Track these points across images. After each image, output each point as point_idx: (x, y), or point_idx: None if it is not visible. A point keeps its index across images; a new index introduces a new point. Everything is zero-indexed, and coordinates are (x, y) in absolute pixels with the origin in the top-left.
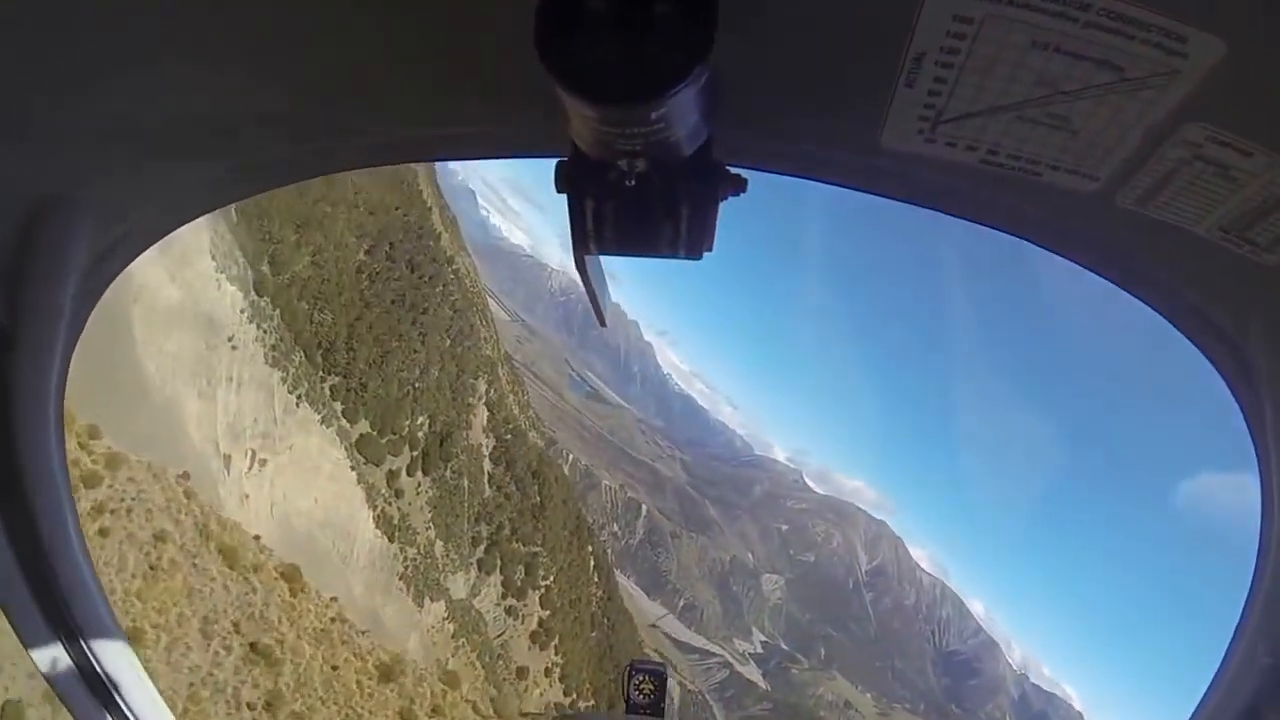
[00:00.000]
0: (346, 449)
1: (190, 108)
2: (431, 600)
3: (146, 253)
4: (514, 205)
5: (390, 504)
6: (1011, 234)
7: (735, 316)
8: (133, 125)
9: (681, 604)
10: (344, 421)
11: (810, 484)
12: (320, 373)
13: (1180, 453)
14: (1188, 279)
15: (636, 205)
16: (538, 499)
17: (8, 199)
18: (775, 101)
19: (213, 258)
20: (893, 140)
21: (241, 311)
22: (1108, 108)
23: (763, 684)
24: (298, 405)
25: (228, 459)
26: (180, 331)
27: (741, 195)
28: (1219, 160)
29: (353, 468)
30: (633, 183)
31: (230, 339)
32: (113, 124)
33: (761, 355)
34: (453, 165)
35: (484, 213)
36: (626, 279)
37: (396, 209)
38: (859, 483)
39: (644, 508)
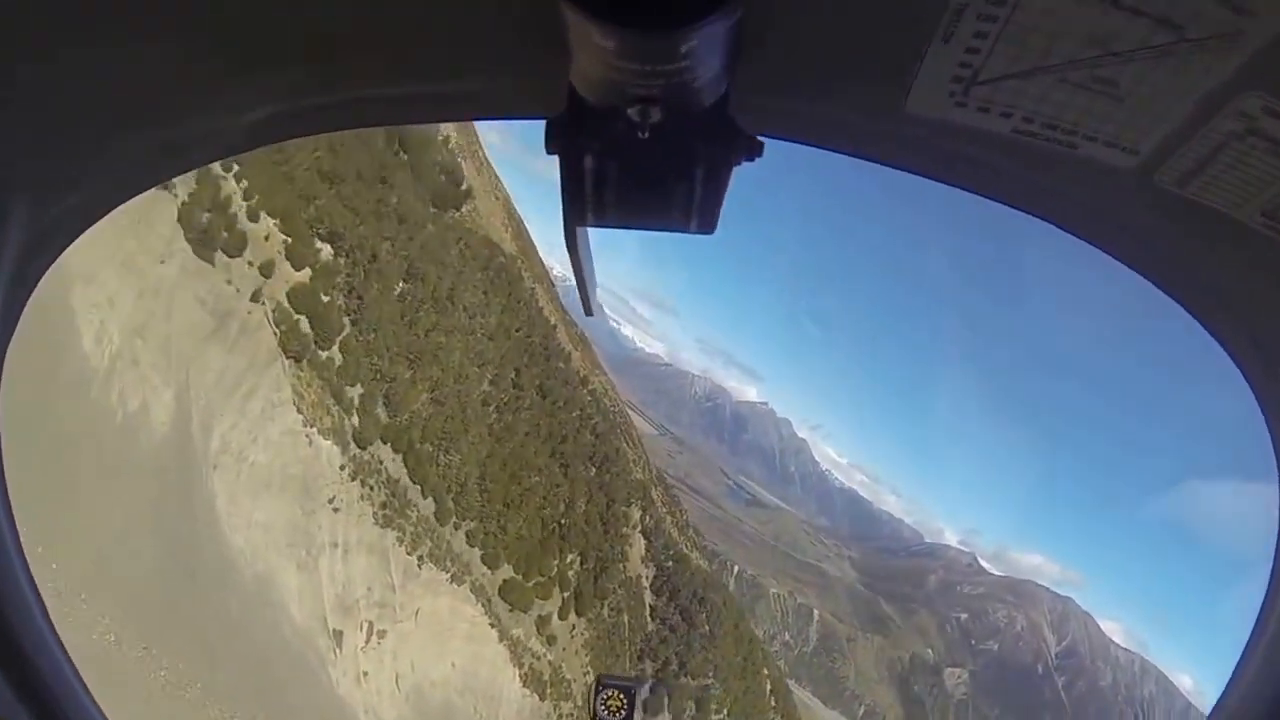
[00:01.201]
0: (485, 604)
1: (138, 68)
2: None
3: (223, 412)
4: (643, 313)
5: (540, 657)
6: (1036, 214)
7: (884, 403)
8: (72, 91)
9: (862, 711)
10: (483, 569)
11: (986, 566)
12: (454, 519)
13: None
14: (1221, 268)
15: (645, 165)
16: (706, 627)
17: None
18: (794, 55)
19: (298, 410)
20: (920, 104)
21: (341, 468)
22: (1161, 71)
23: None
24: (419, 566)
25: (338, 635)
26: (270, 498)
27: (756, 161)
28: (1274, 136)
29: (492, 624)
30: (646, 134)
31: (331, 500)
32: (45, 90)
33: (917, 438)
34: (572, 280)
35: (614, 324)
36: (771, 377)
37: (518, 331)
38: (1037, 558)
39: (815, 612)
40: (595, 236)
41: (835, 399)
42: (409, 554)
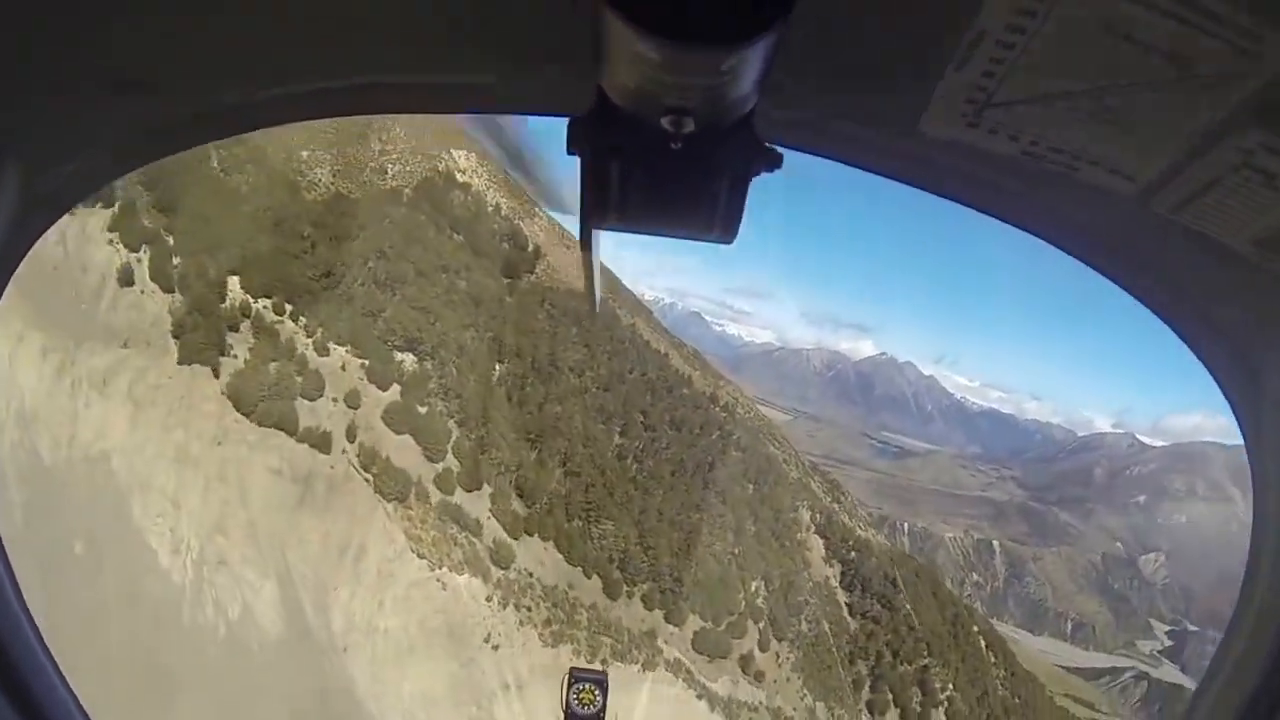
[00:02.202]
0: (685, 678)
1: (145, 39)
2: None
3: (337, 586)
4: (742, 306)
5: (757, 708)
6: (1036, 234)
7: (993, 314)
8: (76, 58)
9: (1070, 627)
10: (670, 628)
11: (1147, 441)
12: (624, 589)
13: None
14: (1210, 292)
15: (670, 172)
16: (906, 606)
17: None
18: (817, 72)
19: (419, 554)
20: (934, 124)
21: (488, 599)
22: (1165, 104)
23: (1186, 680)
24: (604, 667)
25: None
26: (417, 662)
27: (775, 172)
28: (1268, 169)
29: (699, 695)
30: (679, 145)
31: (487, 639)
32: (48, 55)
33: (1036, 336)
34: (666, 300)
35: (718, 329)
36: (881, 326)
37: (631, 372)
38: (1197, 416)
39: (994, 543)
40: (661, 246)
41: (947, 326)
42: (591, 661)
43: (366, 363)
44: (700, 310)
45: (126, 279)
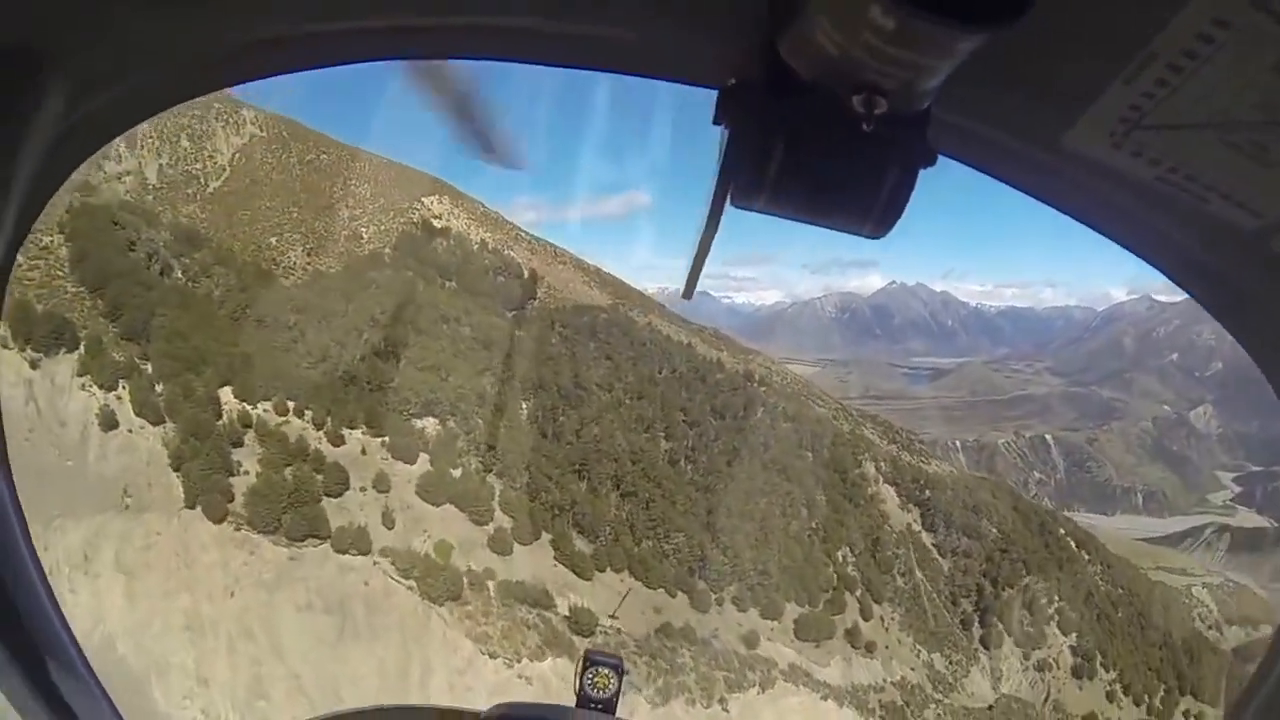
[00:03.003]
0: (805, 681)
1: None
2: None
3: None
4: (744, 274)
5: (880, 687)
6: (1147, 258)
7: (982, 214)
8: None
9: (1140, 499)
10: (768, 623)
11: (1164, 300)
12: (713, 599)
13: None
14: None
15: (842, 157)
16: (994, 531)
17: None
18: (977, 76)
19: (492, 654)
20: (1079, 140)
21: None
22: None
23: (1264, 522)
24: (724, 706)
25: None
26: None
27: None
28: None
29: (824, 697)
30: (870, 126)
31: None
32: None
33: (1030, 229)
34: (670, 288)
35: (726, 302)
36: (882, 256)
37: (660, 372)
38: None
39: (1047, 437)
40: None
41: (946, 240)
42: (709, 704)
43: (386, 439)
44: (705, 289)
45: (109, 422)
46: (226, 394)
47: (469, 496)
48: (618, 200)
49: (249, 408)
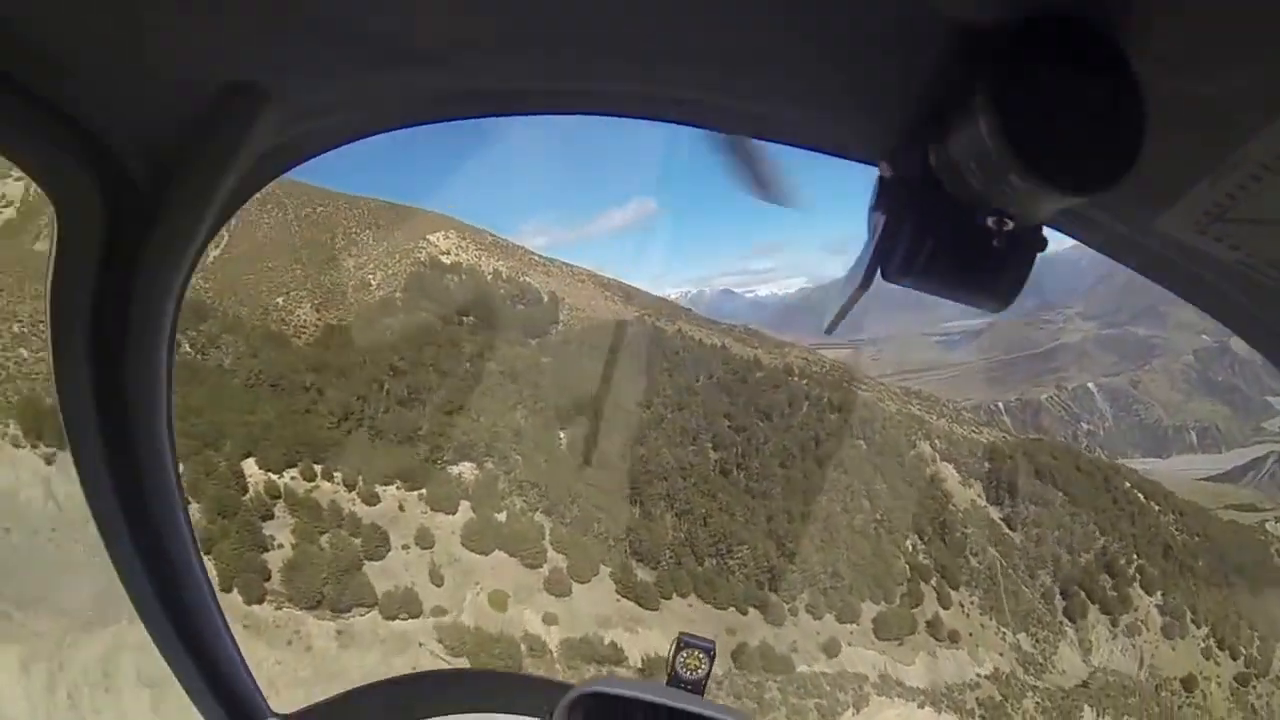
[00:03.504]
0: (898, 691)
1: (414, 16)
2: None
3: None
4: (764, 265)
5: (973, 684)
6: (1230, 327)
7: None
8: (347, 25)
9: (1194, 437)
10: (846, 627)
11: None
12: (786, 605)
13: None
14: None
15: (978, 251)
16: (1060, 495)
17: (200, 77)
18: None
19: None
20: (1166, 225)
21: None
22: None
23: None
24: None
25: None
26: None
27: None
28: None
29: (914, 702)
30: (999, 245)
31: None
32: (326, 19)
33: None
34: (693, 291)
35: (750, 296)
36: None
37: (699, 380)
38: None
39: (1089, 385)
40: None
41: None
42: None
43: (423, 492)
44: (728, 286)
45: None
46: (250, 466)
47: (518, 539)
48: (625, 211)
49: (275, 477)
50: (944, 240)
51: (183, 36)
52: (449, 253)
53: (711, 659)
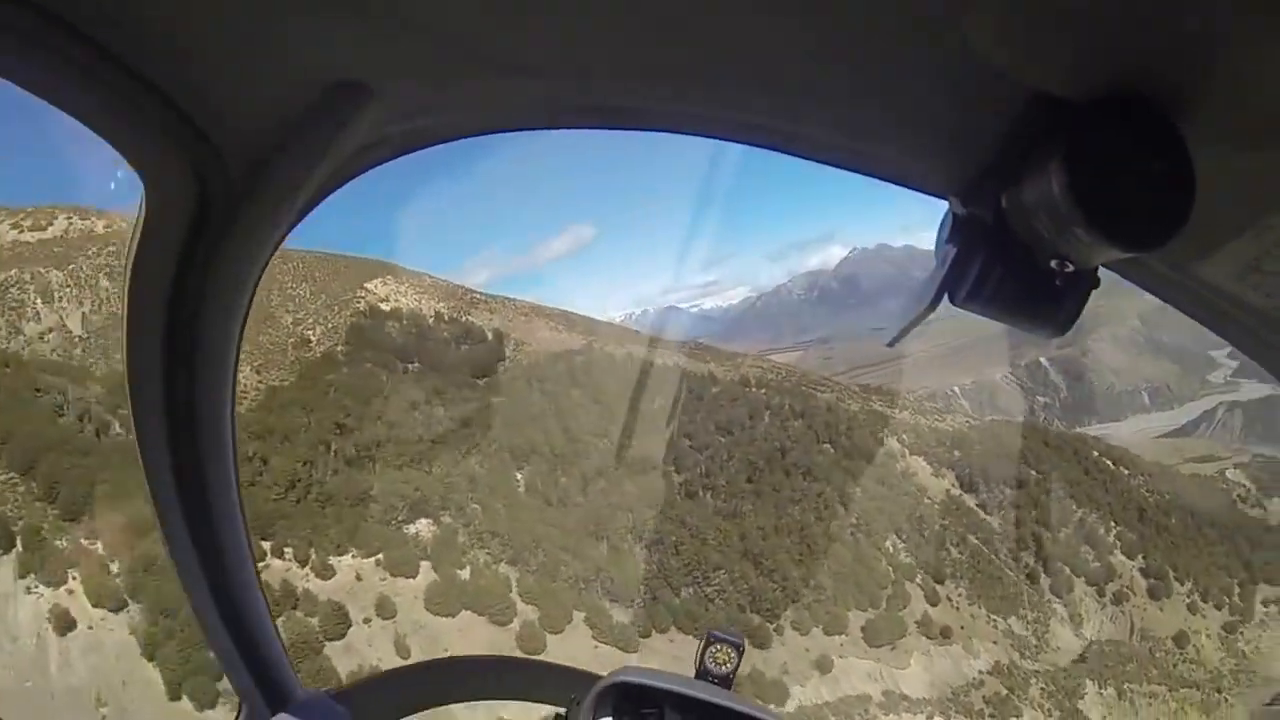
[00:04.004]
0: (906, 705)
1: (525, 31)
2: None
3: None
4: (706, 278)
5: (982, 679)
6: (1262, 364)
7: None
8: (460, 35)
9: (1146, 397)
10: (837, 639)
11: None
12: (771, 626)
13: None
14: None
15: (1040, 284)
16: (1033, 474)
17: (308, 73)
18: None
19: None
20: (1204, 270)
21: None
22: None
23: (1268, 389)
24: None
25: None
26: None
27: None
28: None
29: (921, 716)
30: (1059, 283)
31: None
32: (438, 28)
33: None
34: (637, 312)
35: (696, 310)
36: (837, 225)
37: (654, 404)
38: None
39: (1041, 360)
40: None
41: (894, 191)
42: None
43: (380, 557)
44: (673, 303)
45: (65, 623)
46: None
47: (484, 595)
48: (562, 239)
49: None
50: (1010, 274)
51: (296, 32)
52: (388, 299)
53: (740, 653)
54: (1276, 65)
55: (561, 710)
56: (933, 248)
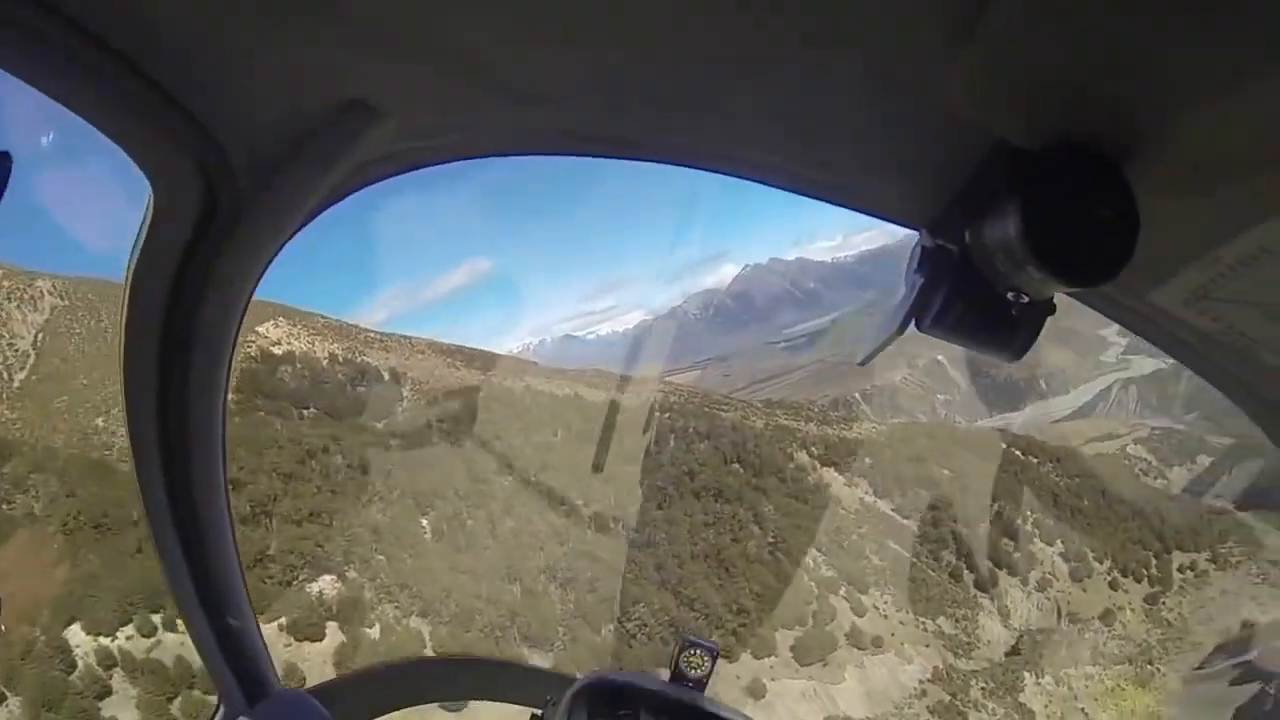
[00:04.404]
0: None
1: (532, 61)
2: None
3: None
4: (603, 304)
5: (918, 696)
6: (1215, 385)
7: None
8: (470, 60)
9: (1044, 385)
10: (767, 661)
11: None
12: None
13: None
14: None
15: (998, 312)
16: (943, 471)
17: (317, 89)
18: None
19: None
20: (1158, 298)
21: None
22: None
23: (1158, 364)
24: None
25: None
26: None
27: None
28: None
29: None
30: (1016, 313)
31: None
32: (448, 52)
33: None
34: (534, 342)
35: (593, 337)
36: (730, 242)
37: (555, 435)
38: None
39: (939, 358)
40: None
41: (785, 207)
42: None
43: (283, 621)
44: (569, 331)
45: None
46: (75, 633)
47: (397, 652)
48: (459, 272)
49: (107, 641)
50: (972, 304)
51: (308, 48)
52: (280, 342)
53: (714, 658)
54: (1211, 119)
55: (538, 711)
56: (824, 258)
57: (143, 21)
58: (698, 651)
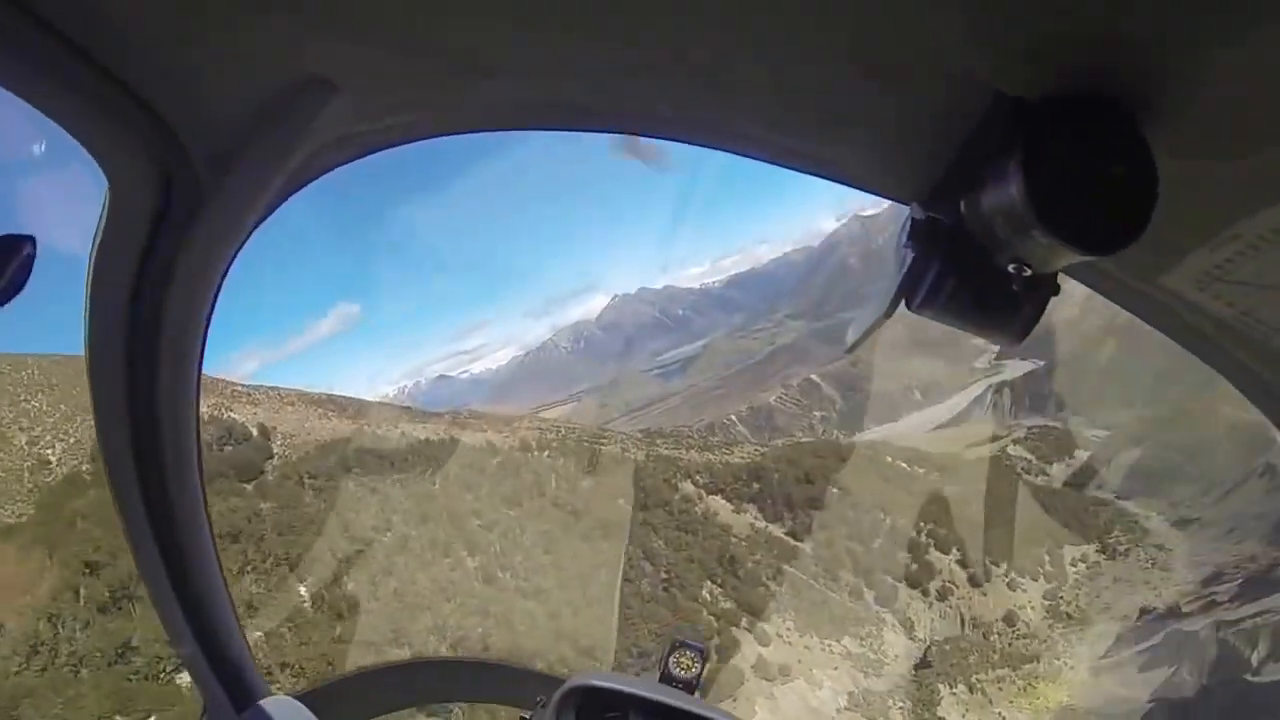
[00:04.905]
0: None
1: (491, 31)
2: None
3: None
4: (472, 343)
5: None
6: (1224, 375)
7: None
8: (425, 33)
9: (918, 394)
10: None
11: (869, 212)
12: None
13: None
14: None
15: (998, 289)
16: (833, 489)
17: (272, 67)
18: None
19: None
20: (1169, 281)
21: None
22: None
23: (1029, 365)
24: None
25: None
26: None
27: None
28: None
29: None
30: (1017, 288)
31: None
32: (403, 25)
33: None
34: (409, 385)
35: (466, 376)
36: (603, 276)
37: (434, 482)
38: None
39: (813, 377)
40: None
41: (650, 236)
42: None
43: None
44: (442, 371)
45: None
46: None
47: None
48: (329, 319)
49: None
50: (967, 279)
51: (261, 26)
52: None
53: (704, 660)
54: (1244, 71)
55: (526, 714)
56: (692, 284)
57: (84, 4)
58: (687, 652)
